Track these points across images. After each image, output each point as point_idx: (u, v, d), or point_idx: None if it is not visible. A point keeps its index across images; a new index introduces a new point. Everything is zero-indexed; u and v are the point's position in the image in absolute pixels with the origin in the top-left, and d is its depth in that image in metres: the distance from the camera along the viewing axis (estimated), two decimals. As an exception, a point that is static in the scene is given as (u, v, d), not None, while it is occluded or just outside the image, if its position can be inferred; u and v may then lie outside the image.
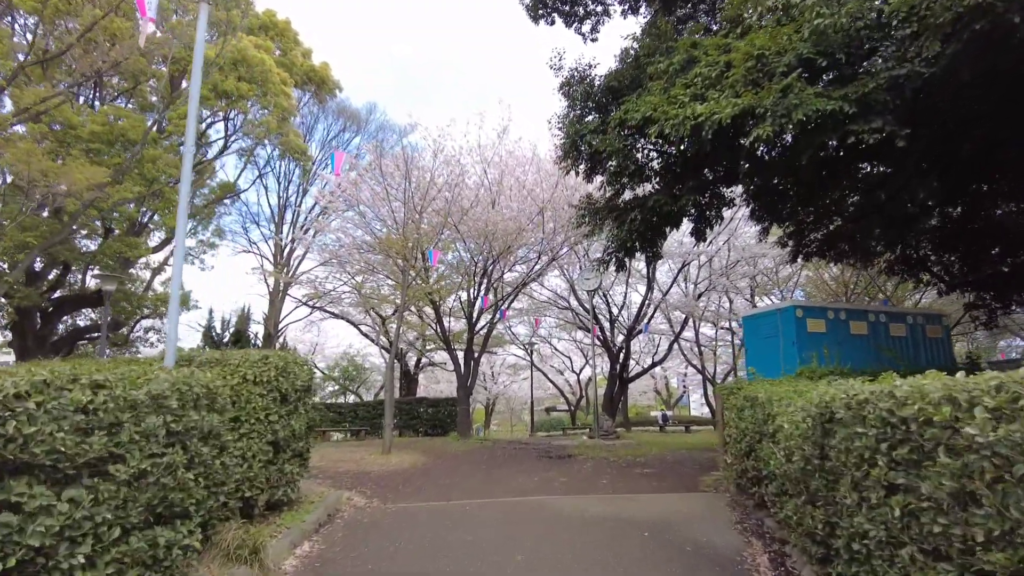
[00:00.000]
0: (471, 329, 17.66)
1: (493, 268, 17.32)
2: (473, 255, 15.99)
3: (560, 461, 11.61)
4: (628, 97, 9.48)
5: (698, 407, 61.00)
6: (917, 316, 9.47)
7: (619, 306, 23.95)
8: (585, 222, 12.35)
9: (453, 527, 5.85)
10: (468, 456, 12.53)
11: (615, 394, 22.03)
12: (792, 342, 8.49)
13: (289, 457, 5.98)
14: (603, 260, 12.72)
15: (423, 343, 25.86)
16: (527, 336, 28.22)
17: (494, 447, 14.95)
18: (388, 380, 12.21)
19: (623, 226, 11.23)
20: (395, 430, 22.81)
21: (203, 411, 4.14)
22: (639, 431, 25.90)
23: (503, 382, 38.97)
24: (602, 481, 8.78)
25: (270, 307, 23.36)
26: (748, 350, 9.56)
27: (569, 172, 12.07)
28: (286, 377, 5.93)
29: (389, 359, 12.28)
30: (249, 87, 16.24)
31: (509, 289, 18.48)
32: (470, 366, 17.72)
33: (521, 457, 12.39)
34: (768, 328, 9.02)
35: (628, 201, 11.91)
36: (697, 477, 8.89)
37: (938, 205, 13.07)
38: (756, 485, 5.88)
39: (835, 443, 3.44)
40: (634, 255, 12.81)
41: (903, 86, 6.00)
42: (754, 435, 5.78)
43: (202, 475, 3.99)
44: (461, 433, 17.02)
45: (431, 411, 22.21)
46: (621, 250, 12.28)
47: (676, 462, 11.10)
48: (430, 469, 10.37)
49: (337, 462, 11.15)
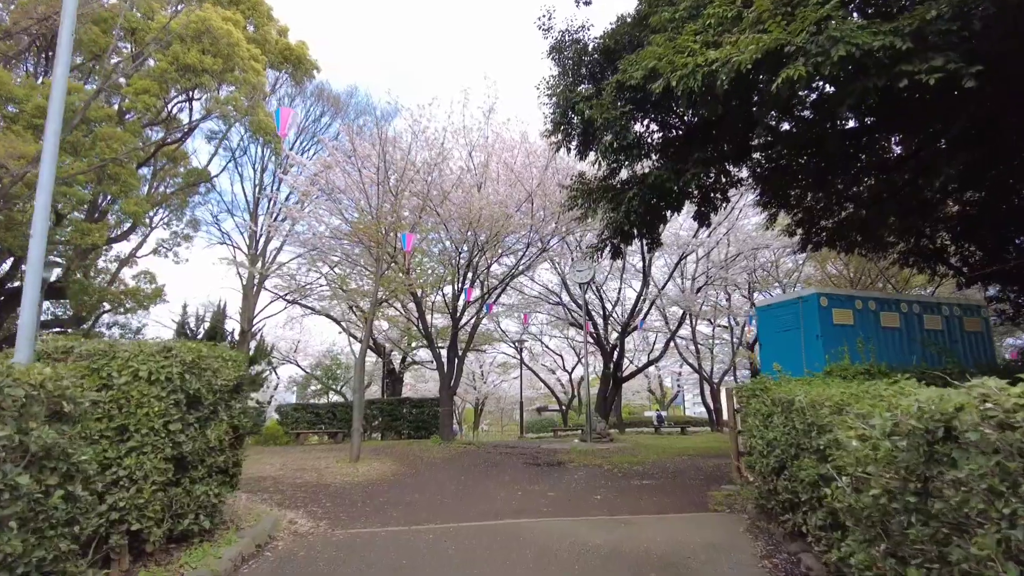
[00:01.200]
0: (455, 325, 16.41)
1: (479, 260, 16.10)
2: (457, 244, 14.74)
3: (549, 470, 10.41)
4: (627, 57, 8.26)
5: (691, 407, 60.06)
6: (954, 307, 8.35)
7: (613, 302, 22.81)
8: (577, 204, 11.15)
9: (411, 569, 4.63)
10: (447, 464, 11.30)
11: (608, 394, 20.89)
12: (816, 335, 7.33)
13: (202, 475, 4.73)
14: (597, 247, 11.54)
15: (408, 342, 24.59)
16: (517, 333, 27.02)
17: (478, 452, 13.74)
18: (357, 379, 10.95)
19: (619, 208, 10.06)
20: (376, 432, 21.63)
21: (29, 422, 2.89)
22: (633, 433, 24.77)
23: (492, 381, 37.77)
24: (596, 497, 7.58)
25: (244, 302, 22.01)
26: (763, 345, 8.39)
27: (560, 149, 10.90)
28: (198, 375, 4.69)
29: (359, 356, 11.02)
30: (213, 60, 14.90)
31: (496, 282, 17.26)
32: (454, 364, 16.48)
33: (506, 465, 11.18)
34: (787, 319, 7.86)
35: (625, 180, 10.74)
36: (705, 491, 7.71)
37: (960, 189, 12.01)
38: (790, 511, 4.70)
39: (955, 475, 2.25)
40: (631, 241, 11.64)
41: (970, 15, 4.83)
42: (787, 448, 4.60)
43: (18, 516, 2.74)
44: (443, 436, 15.79)
45: (414, 412, 20.96)
46: (617, 235, 11.11)
47: (678, 471, 9.92)
48: (401, 480, 9.13)
49: (297, 471, 9.90)
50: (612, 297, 23.31)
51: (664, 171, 9.05)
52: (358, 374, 10.92)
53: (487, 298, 16.52)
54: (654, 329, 26.62)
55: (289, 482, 8.75)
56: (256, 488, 8.11)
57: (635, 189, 9.66)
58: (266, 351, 28.07)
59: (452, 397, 17.14)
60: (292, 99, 22.51)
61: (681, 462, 11.32)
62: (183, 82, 14.44)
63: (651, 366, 25.02)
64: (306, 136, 22.87)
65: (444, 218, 13.33)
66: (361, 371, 11.13)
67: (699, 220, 11.77)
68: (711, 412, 26.33)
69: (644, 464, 11.01)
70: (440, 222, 13.34)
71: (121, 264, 22.59)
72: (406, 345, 24.93)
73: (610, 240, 11.31)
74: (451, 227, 14.43)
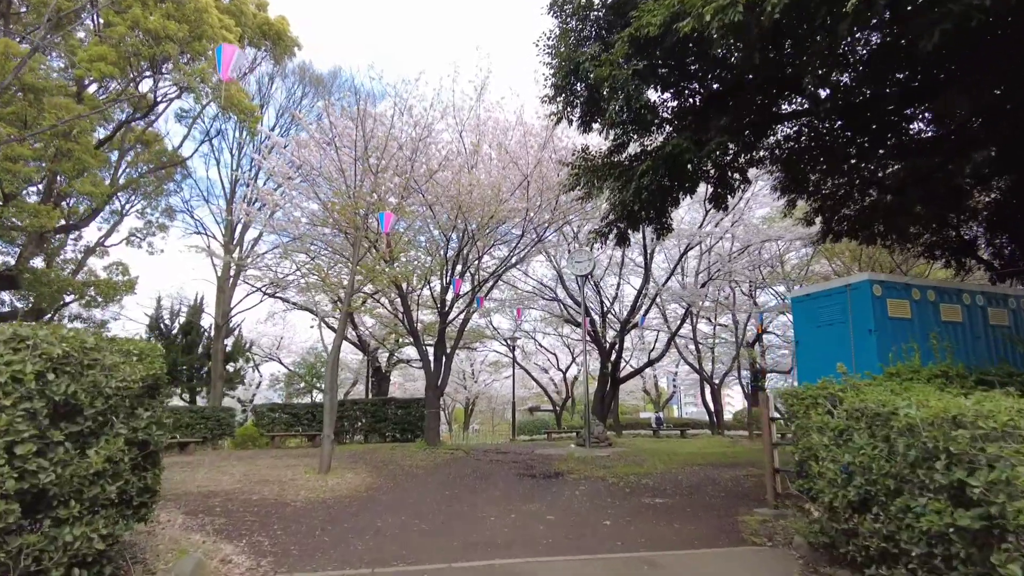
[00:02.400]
0: (443, 319, 15.13)
1: (470, 250, 14.82)
2: (445, 231, 13.44)
3: (546, 483, 9.16)
4: (642, 5, 7.01)
5: (684, 407, 59.10)
6: (1021, 299, 7.16)
7: (611, 299, 21.60)
8: (579, 184, 9.93)
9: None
10: (430, 474, 10.03)
11: (606, 395, 19.68)
12: (868, 330, 6.14)
13: (78, 514, 3.43)
14: (601, 232, 10.31)
15: (396, 339, 23.24)
16: (509, 330, 25.77)
17: (465, 459, 12.48)
18: (329, 379, 9.65)
19: (628, 186, 8.85)
20: (360, 435, 20.28)
21: None
22: (630, 435, 23.61)
23: (484, 380, 36.52)
24: (604, 522, 6.34)
25: (219, 295, 20.59)
26: (800, 342, 7.18)
27: (560, 121, 9.66)
28: (74, 374, 3.40)
29: (331, 353, 9.71)
30: (178, 27, 13.51)
31: (487, 274, 15.99)
32: (441, 362, 15.20)
33: (496, 476, 9.92)
34: (830, 312, 6.66)
35: (634, 156, 9.52)
36: (733, 514, 6.50)
37: (994, 174, 10.92)
38: (879, 563, 3.48)
39: None
40: (639, 226, 10.42)
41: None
42: (880, 479, 3.38)
43: None
44: (429, 441, 14.51)
45: (400, 413, 19.64)
46: (624, 219, 9.89)
47: (694, 486, 8.70)
48: (374, 497, 7.85)
49: (257, 484, 8.60)
50: (610, 294, 22.13)
51: (683, 140, 7.82)
52: (330, 373, 9.61)
53: (478, 291, 15.24)
54: (653, 327, 25.45)
55: (243, 499, 7.45)
56: (201, 508, 6.81)
57: (647, 162, 8.45)
58: (244, 347, 26.69)
59: (439, 398, 15.88)
60: (272, 79, 21.12)
61: (693, 473, 10.11)
62: (144, 50, 13.03)
63: (651, 366, 23.84)
64: (287, 119, 21.49)
65: (430, 200, 12.02)
66: (333, 370, 9.82)
67: (715, 203, 10.58)
68: (712, 414, 25.20)
69: (652, 476, 9.79)
70: (426, 204, 12.02)
71: (87, 253, 21.08)
72: (393, 343, 23.60)
73: (615, 224, 10.09)
74: (438, 212, 13.14)
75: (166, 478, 9.39)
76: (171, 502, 7.13)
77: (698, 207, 19.78)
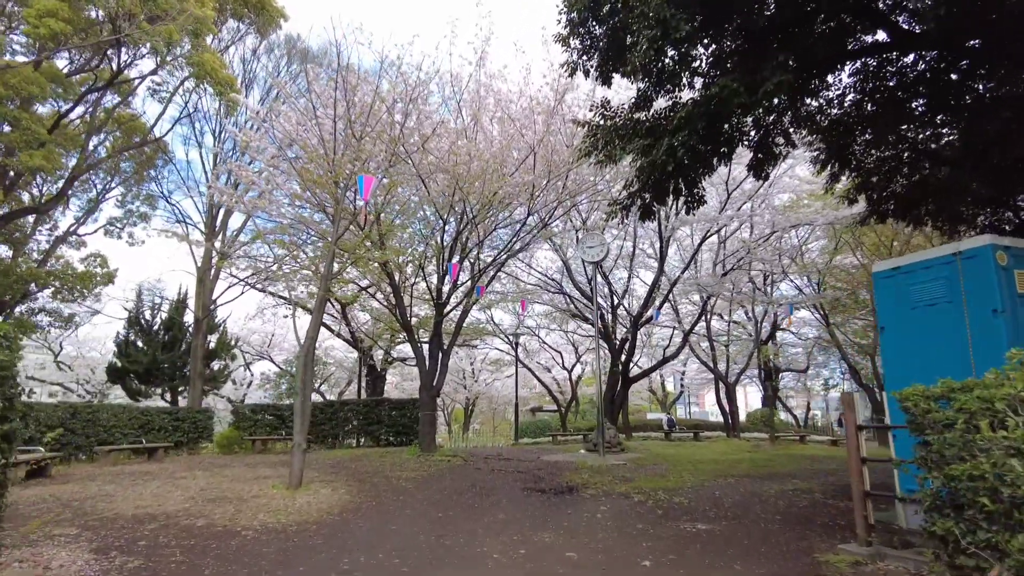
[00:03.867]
0: (439, 312, 13.63)
1: (469, 235, 13.34)
2: (440, 211, 11.92)
3: (559, 502, 7.66)
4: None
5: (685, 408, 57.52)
6: None
7: (621, 293, 20.05)
8: (597, 147, 8.43)
9: None
10: (421, 489, 8.52)
11: (617, 395, 18.18)
12: (993, 311, 4.65)
13: None
14: (622, 204, 8.82)
15: (391, 336, 21.72)
16: (512, 326, 24.27)
17: (464, 469, 10.99)
18: (299, 377, 8.12)
19: (658, 144, 7.38)
20: (352, 438, 18.80)
21: None
22: (640, 438, 22.09)
23: (484, 380, 34.99)
24: (642, 562, 4.84)
25: (199, 286, 19.06)
26: (886, 329, 5.66)
27: (575, 73, 8.19)
28: None
29: (304, 345, 8.20)
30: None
31: (489, 260, 14.50)
32: (437, 360, 13.70)
33: (500, 491, 8.42)
34: (932, 288, 5.16)
35: (662, 113, 8.04)
36: (807, 549, 5.01)
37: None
38: None
39: None
40: (666, 197, 8.90)
41: None
42: None
43: None
44: (423, 447, 13.02)
45: (394, 415, 18.21)
46: (650, 187, 8.40)
47: (739, 506, 7.20)
48: (347, 523, 6.34)
49: (210, 504, 7.10)
50: (618, 288, 20.56)
51: (731, 81, 6.33)
52: (301, 369, 8.10)
53: (478, 279, 13.74)
54: (664, 324, 23.94)
55: (183, 526, 5.95)
56: (121, 541, 5.31)
57: (684, 112, 6.97)
58: (229, 344, 25.16)
59: (435, 399, 14.39)
60: (256, 54, 19.59)
61: (730, 488, 8.61)
62: (99, 2, 11.53)
63: (665, 364, 22.31)
64: (273, 97, 19.94)
65: (423, 173, 10.49)
66: (307, 366, 8.30)
67: (755, 171, 9.14)
68: (727, 415, 23.67)
69: (683, 492, 8.28)
70: (416, 175, 10.49)
71: (57, 241, 19.64)
72: (388, 341, 22.07)
73: (640, 195, 8.59)
74: (433, 190, 11.65)
75: (101, 495, 7.93)
76: (88, 531, 5.64)
77: (714, 192, 18.30)
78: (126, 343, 22.29)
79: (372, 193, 8.08)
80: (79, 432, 13.05)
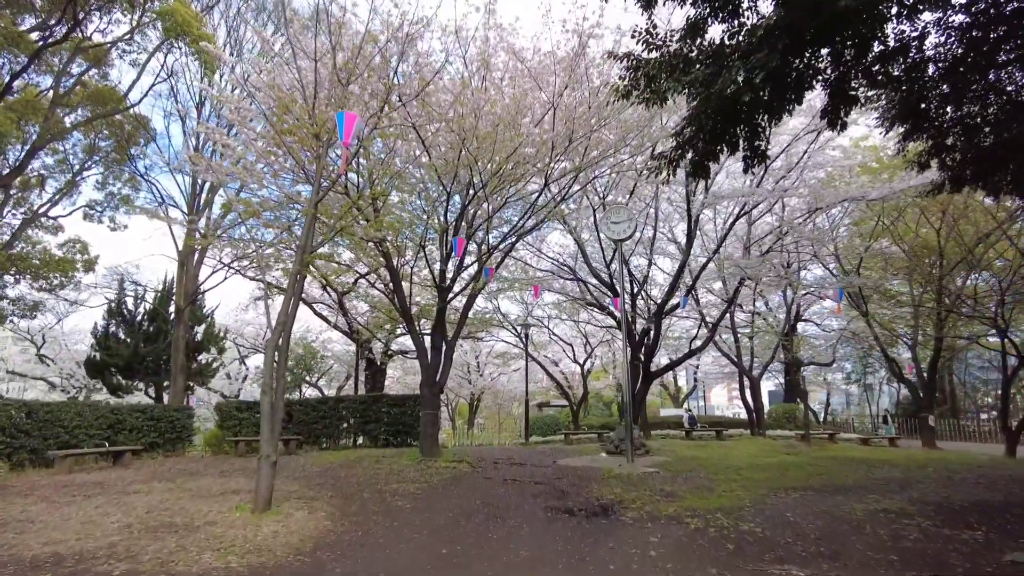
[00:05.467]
0: (442, 297, 12.00)
1: (476, 210, 11.71)
2: (443, 177, 10.23)
3: (593, 529, 6.02)
4: None
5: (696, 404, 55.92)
6: None
7: (641, 281, 18.36)
8: (639, 86, 6.78)
9: None
10: (421, 509, 6.90)
11: (637, 391, 16.53)
12: None
13: None
14: (669, 158, 7.14)
15: (391, 328, 20.09)
16: (520, 316, 22.62)
17: (472, 477, 9.40)
18: (269, 370, 6.51)
19: (725, 74, 5.76)
20: (347, 438, 17.24)
21: None
22: (658, 436, 20.45)
23: (490, 374, 33.41)
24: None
25: (180, 271, 17.44)
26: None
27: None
28: None
29: (275, 331, 6.59)
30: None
31: (498, 239, 12.84)
32: (440, 352, 12.08)
33: (517, 512, 6.79)
34: None
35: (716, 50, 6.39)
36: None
37: None
38: None
39: None
40: (719, 155, 7.24)
41: None
42: None
43: None
44: (424, 450, 11.41)
45: (393, 412, 16.62)
46: (706, 135, 6.78)
47: (830, 536, 5.55)
48: (321, 568, 4.74)
49: (145, 536, 5.50)
50: (638, 276, 18.86)
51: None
52: (270, 360, 6.48)
53: (486, 261, 12.08)
54: (683, 316, 22.27)
55: (92, 573, 4.35)
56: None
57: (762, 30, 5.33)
58: (218, 336, 23.57)
59: (438, 396, 12.80)
60: (240, 13, 17.87)
61: (800, 506, 6.95)
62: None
63: (692, 356, 20.63)
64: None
65: (422, 126, 8.79)
66: (277, 361, 6.68)
67: (830, 122, 7.43)
68: (751, 412, 22.00)
69: (746, 512, 6.64)
70: (411, 129, 8.78)
71: (24, 223, 18.03)
72: (387, 332, 20.45)
73: (692, 144, 6.93)
74: (433, 153, 9.99)
75: (17, 522, 6.25)
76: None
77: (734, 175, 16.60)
78: (106, 334, 20.74)
79: (356, 135, 6.43)
80: (34, 434, 11.48)
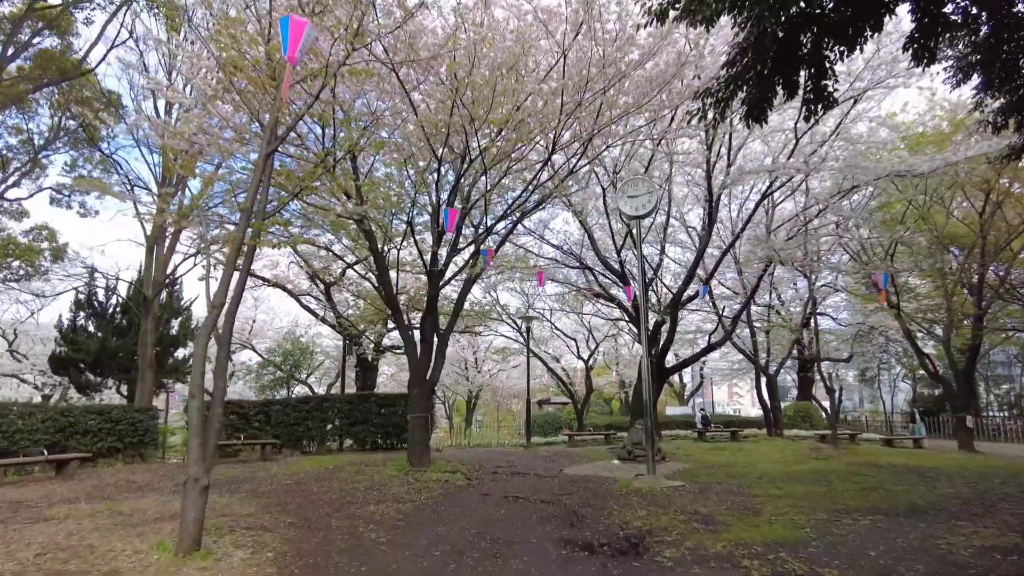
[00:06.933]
0: (433, 283, 10.48)
1: (473, 181, 10.21)
2: (432, 140, 8.71)
3: (619, 570, 4.53)
4: None
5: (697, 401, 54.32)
6: None
7: (655, 268, 16.87)
8: (677, 5, 5.26)
9: None
10: (399, 543, 5.39)
11: (652, 389, 15.03)
12: None
13: None
14: (718, 97, 5.61)
15: (384, 323, 18.57)
16: (521, 309, 21.10)
17: (467, 493, 7.91)
18: (197, 365, 5.01)
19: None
20: (334, 440, 15.76)
21: None
22: (669, 437, 19.00)
23: (488, 370, 31.90)
24: None
25: (147, 257, 15.88)
26: None
27: None
28: None
29: (207, 318, 5.09)
30: None
31: (498, 216, 11.32)
32: (432, 347, 10.58)
33: (522, 550, 5.27)
34: None
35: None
36: None
37: None
38: None
39: None
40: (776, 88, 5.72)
41: None
42: None
43: None
44: (413, 459, 9.90)
45: (384, 413, 15.19)
46: (761, 57, 5.28)
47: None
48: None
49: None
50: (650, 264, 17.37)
51: None
52: (199, 358, 4.98)
53: (483, 241, 10.57)
54: (696, 308, 20.80)
55: None
56: None
57: None
58: (195, 330, 22.02)
59: (430, 396, 11.32)
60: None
61: (881, 539, 5.45)
62: None
63: (710, 352, 19.15)
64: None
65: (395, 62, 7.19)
66: (217, 356, 5.17)
67: (916, 55, 5.93)
68: (768, 411, 20.53)
69: (813, 548, 5.12)
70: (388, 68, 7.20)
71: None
72: (377, 326, 18.93)
73: (746, 78, 5.39)
74: (420, 108, 8.45)
75: None
76: None
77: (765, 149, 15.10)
78: (73, 327, 19.21)
79: (304, 50, 4.90)
80: (-37, 440, 9.99)
